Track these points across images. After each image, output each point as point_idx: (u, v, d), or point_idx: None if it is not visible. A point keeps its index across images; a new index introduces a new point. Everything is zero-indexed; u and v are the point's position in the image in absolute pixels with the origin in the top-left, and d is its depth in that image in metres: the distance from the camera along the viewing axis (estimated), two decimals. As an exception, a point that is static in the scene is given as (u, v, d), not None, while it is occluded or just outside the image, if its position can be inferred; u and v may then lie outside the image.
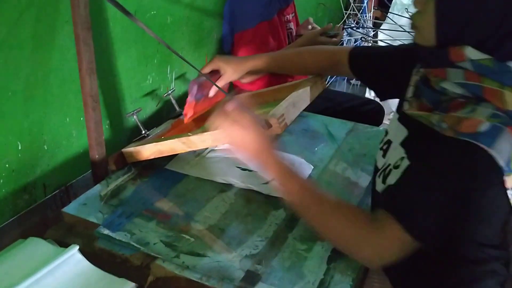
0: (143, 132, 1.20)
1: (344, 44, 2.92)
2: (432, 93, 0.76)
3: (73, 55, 1.04)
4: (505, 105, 0.68)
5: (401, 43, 2.06)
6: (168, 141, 1.07)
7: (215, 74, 1.17)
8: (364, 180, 1.13)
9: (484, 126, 0.67)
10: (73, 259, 0.78)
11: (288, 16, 1.76)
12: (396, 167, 0.82)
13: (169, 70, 1.45)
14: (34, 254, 0.78)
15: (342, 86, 3.01)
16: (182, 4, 1.43)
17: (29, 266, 0.75)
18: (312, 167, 1.16)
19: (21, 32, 0.94)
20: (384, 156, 0.89)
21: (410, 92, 0.85)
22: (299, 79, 1.76)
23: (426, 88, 0.78)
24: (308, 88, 1.12)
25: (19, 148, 1.00)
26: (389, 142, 0.88)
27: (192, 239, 0.92)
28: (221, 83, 1.16)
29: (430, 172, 0.72)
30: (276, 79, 1.73)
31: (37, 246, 0.81)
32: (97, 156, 1.11)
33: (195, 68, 0.97)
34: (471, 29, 0.69)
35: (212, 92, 1.18)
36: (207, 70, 1.16)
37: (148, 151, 1.11)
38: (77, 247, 0.80)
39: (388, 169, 0.84)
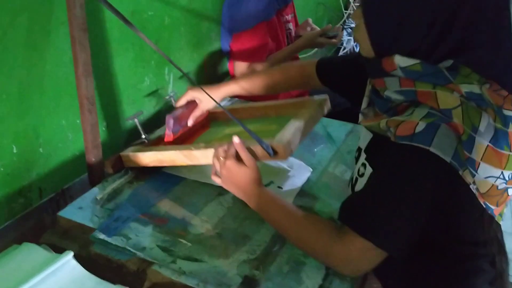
0: (143, 136, 1.18)
1: (344, 45, 2.91)
2: (381, 101, 0.78)
3: (69, 56, 1.03)
4: (440, 105, 0.69)
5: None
6: (170, 152, 1.06)
7: (191, 104, 1.18)
8: (364, 183, 1.12)
9: (420, 127, 0.68)
10: (67, 265, 0.77)
11: (287, 16, 1.74)
12: (361, 175, 0.85)
13: (166, 72, 1.44)
14: (28, 261, 0.77)
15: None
16: (180, 4, 1.42)
17: (23, 272, 0.74)
18: (311, 170, 1.15)
19: (15, 34, 0.92)
20: (356, 163, 0.90)
21: (364, 103, 0.86)
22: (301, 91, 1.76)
23: (376, 98, 0.80)
24: (314, 114, 1.12)
25: (14, 151, 0.98)
26: (359, 149, 0.89)
27: (189, 244, 0.91)
28: (198, 112, 1.19)
29: (382, 180, 0.75)
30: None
31: (31, 252, 0.80)
32: (93, 159, 1.10)
33: (188, 78, 0.96)
34: (401, 40, 0.71)
35: (191, 122, 1.20)
36: (182, 102, 1.18)
37: (148, 158, 1.09)
38: (72, 253, 0.78)
39: (354, 177, 0.87)
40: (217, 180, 0.95)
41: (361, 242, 0.74)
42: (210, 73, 1.70)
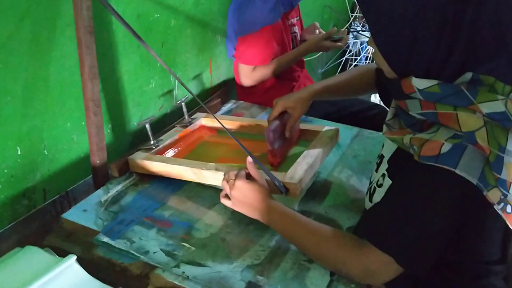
0: (152, 142, 1.18)
1: (350, 47, 2.90)
2: (406, 116, 0.77)
3: (75, 58, 1.03)
4: (462, 127, 0.68)
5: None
6: (179, 166, 1.06)
7: (284, 114, 1.14)
8: (369, 188, 1.11)
9: (446, 147, 0.67)
10: (70, 269, 0.77)
11: (292, 20, 1.74)
12: (379, 185, 0.84)
13: (172, 74, 1.43)
14: (31, 264, 0.77)
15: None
16: (186, 7, 1.42)
17: (25, 276, 0.73)
18: (316, 174, 1.14)
19: (21, 36, 0.92)
20: (376, 170, 0.89)
21: (390, 114, 0.86)
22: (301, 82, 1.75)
23: (401, 112, 0.80)
24: (326, 148, 1.12)
25: (19, 153, 0.98)
26: (382, 157, 0.88)
27: (193, 248, 0.90)
28: (293, 121, 1.15)
29: (406, 197, 0.74)
30: (281, 83, 1.72)
31: (34, 255, 0.79)
32: (98, 162, 1.10)
33: (185, 86, 0.94)
34: (414, 60, 0.70)
35: (288, 133, 1.15)
36: (275, 113, 1.14)
37: (156, 167, 1.10)
38: (75, 257, 0.78)
39: (372, 187, 0.86)
40: (227, 203, 0.95)
41: (382, 256, 0.74)
42: (216, 76, 1.69)
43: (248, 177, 0.93)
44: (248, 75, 1.63)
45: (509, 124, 0.66)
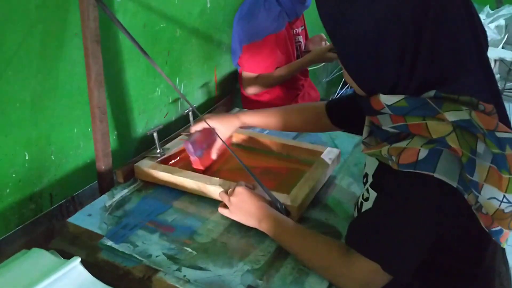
0: (158, 151, 1.20)
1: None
2: (381, 131, 0.79)
3: (82, 67, 1.06)
4: (433, 134, 0.69)
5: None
6: (184, 179, 1.09)
7: (207, 130, 1.18)
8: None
9: (423, 153, 0.69)
10: (74, 271, 0.79)
11: (297, 29, 1.76)
12: (365, 199, 0.85)
13: (177, 82, 1.46)
14: (36, 266, 0.79)
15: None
16: (192, 17, 1.45)
17: (31, 277, 0.75)
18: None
19: (30, 44, 0.95)
20: (364, 187, 0.91)
21: (365, 133, 0.88)
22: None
23: (375, 129, 0.82)
24: (327, 170, 1.14)
25: (26, 158, 1.01)
26: (366, 175, 0.90)
27: (195, 252, 0.92)
28: (219, 144, 1.19)
29: (389, 206, 0.76)
30: (286, 92, 1.74)
31: (39, 257, 0.81)
32: (103, 167, 1.12)
33: (187, 101, 0.97)
34: (379, 80, 0.72)
35: (214, 155, 1.20)
36: (198, 128, 1.18)
37: (161, 177, 1.12)
38: (79, 259, 0.80)
39: (359, 201, 0.88)
40: (224, 212, 0.99)
41: (368, 265, 0.76)
42: (220, 85, 1.72)
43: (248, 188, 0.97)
44: (251, 84, 1.65)
45: (475, 130, 0.67)
